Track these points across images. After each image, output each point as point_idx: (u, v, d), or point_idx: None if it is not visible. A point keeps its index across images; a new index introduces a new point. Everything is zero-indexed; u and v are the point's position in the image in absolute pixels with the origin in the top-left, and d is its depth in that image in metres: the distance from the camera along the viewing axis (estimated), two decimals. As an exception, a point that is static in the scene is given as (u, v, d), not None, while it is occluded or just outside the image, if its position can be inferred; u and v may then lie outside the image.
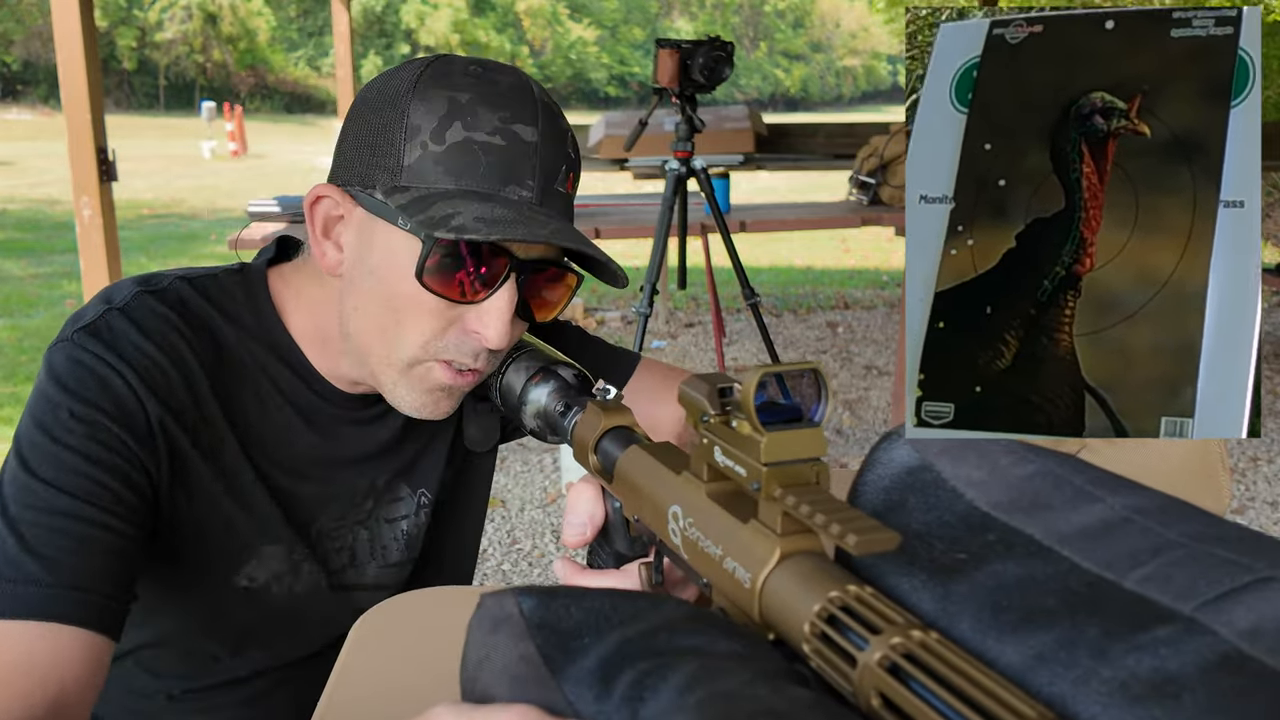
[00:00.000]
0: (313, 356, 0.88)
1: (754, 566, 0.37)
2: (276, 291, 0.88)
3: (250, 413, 0.86)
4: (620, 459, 0.56)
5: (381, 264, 0.79)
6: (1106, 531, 0.32)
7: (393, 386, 0.82)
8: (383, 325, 0.80)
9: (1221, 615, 0.27)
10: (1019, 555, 0.33)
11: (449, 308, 0.78)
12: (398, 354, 0.80)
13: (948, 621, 0.32)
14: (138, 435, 0.77)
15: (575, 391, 0.75)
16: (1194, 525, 0.31)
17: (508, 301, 0.78)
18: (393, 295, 0.79)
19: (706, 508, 0.42)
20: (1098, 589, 0.30)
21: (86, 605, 0.70)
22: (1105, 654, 0.28)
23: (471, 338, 0.79)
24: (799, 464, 0.37)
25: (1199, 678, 0.26)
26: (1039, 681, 0.28)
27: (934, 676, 0.28)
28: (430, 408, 0.83)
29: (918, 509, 0.37)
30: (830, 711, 0.30)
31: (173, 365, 0.80)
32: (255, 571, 0.87)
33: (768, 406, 0.38)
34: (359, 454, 0.92)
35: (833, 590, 0.33)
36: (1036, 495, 0.35)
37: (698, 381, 0.42)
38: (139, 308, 0.81)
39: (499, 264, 0.77)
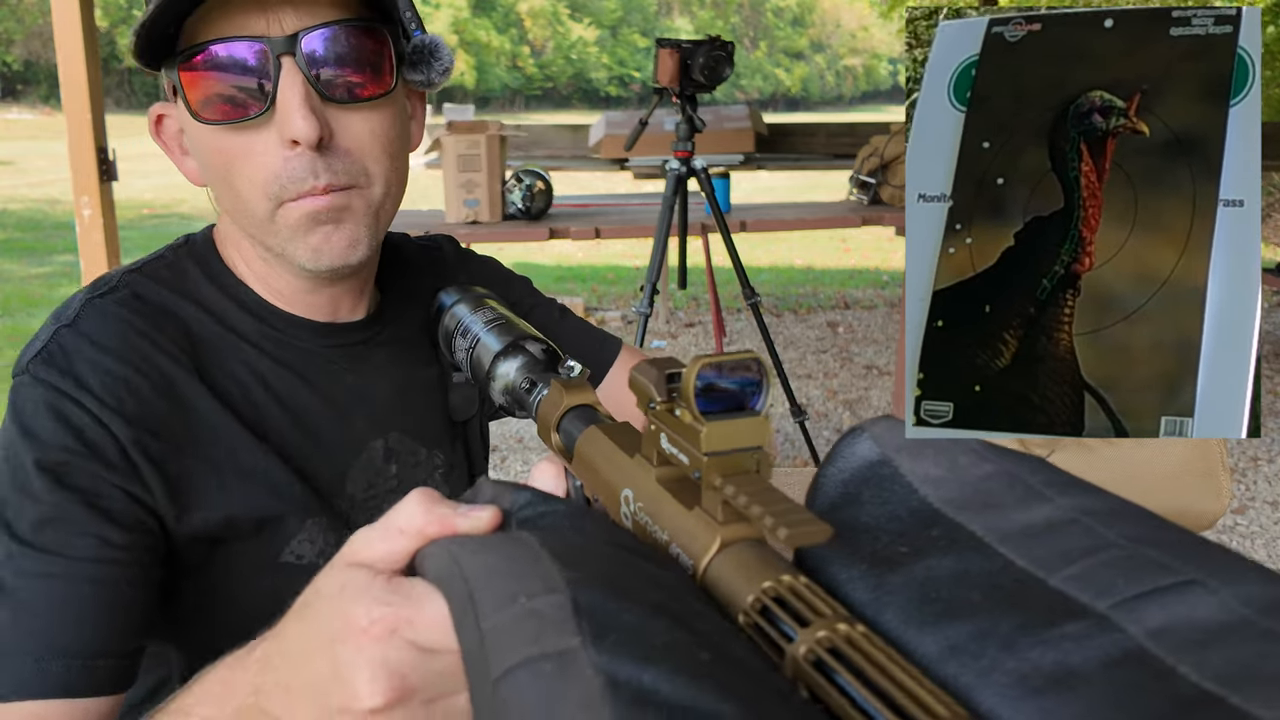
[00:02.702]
0: (268, 294, 0.84)
1: (697, 554, 0.37)
2: (223, 249, 0.85)
3: (242, 385, 0.81)
4: (579, 439, 0.55)
5: (190, 137, 0.76)
6: (1048, 531, 0.33)
7: (282, 249, 0.77)
8: (229, 197, 0.76)
9: (1134, 614, 0.28)
10: (958, 550, 0.33)
11: (253, 136, 0.73)
12: (255, 212, 0.76)
13: (875, 610, 0.33)
14: (110, 464, 0.71)
15: (542, 368, 0.72)
16: (1137, 528, 0.32)
17: (292, 90, 0.71)
18: (209, 159, 0.75)
19: (655, 493, 0.42)
20: (1024, 585, 0.31)
21: (89, 672, 0.66)
22: (1013, 647, 0.28)
23: (296, 156, 0.73)
24: (739, 453, 0.37)
25: (1098, 673, 0.26)
26: (949, 672, 0.29)
27: (855, 672, 0.28)
28: (324, 247, 0.77)
29: (871, 502, 0.38)
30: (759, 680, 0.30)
31: (137, 372, 0.74)
32: (300, 548, 0.82)
33: (711, 394, 0.38)
34: (358, 399, 0.87)
35: (767, 580, 0.33)
36: (989, 494, 0.36)
37: (648, 367, 0.42)
38: (90, 317, 0.76)
39: (255, 56, 0.71)
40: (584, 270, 7.26)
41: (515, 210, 3.63)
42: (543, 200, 3.66)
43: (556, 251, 7.82)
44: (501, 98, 44.61)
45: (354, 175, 0.76)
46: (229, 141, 0.74)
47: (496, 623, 0.30)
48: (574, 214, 3.95)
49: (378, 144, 0.77)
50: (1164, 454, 0.84)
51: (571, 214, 3.94)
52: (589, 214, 3.97)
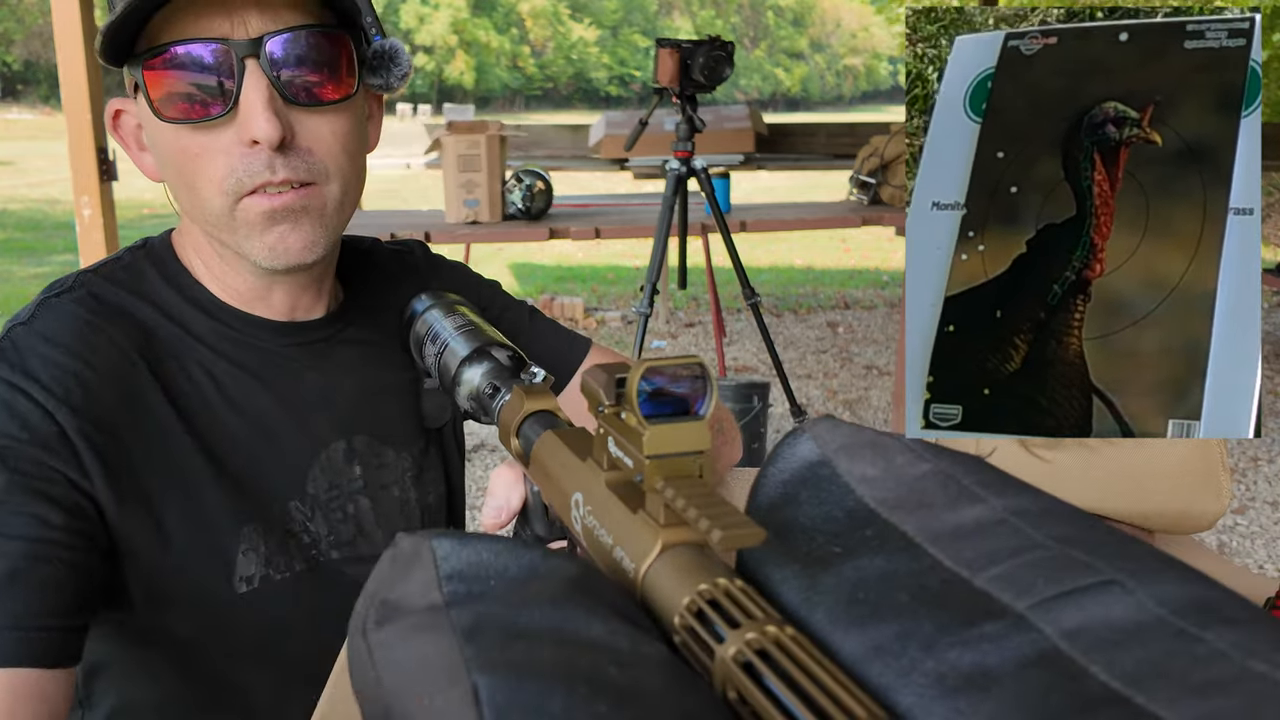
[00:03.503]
0: (226, 295, 0.84)
1: (638, 557, 0.37)
2: (179, 249, 0.86)
3: (197, 386, 0.81)
4: (535, 444, 0.56)
5: (149, 135, 0.77)
6: (978, 531, 0.33)
7: (238, 246, 0.78)
8: (186, 195, 0.77)
9: (1051, 614, 0.28)
10: (888, 551, 0.33)
11: (213, 136, 0.74)
12: (212, 210, 0.76)
13: (807, 611, 0.33)
14: (51, 448, 0.71)
15: (507, 374, 0.73)
16: (1065, 528, 0.32)
17: (256, 92, 0.72)
18: (168, 157, 0.76)
19: (604, 496, 0.42)
20: (949, 586, 0.31)
21: (26, 642, 0.66)
22: (933, 647, 0.28)
23: (255, 153, 0.74)
24: (681, 457, 0.38)
25: (1013, 673, 0.26)
26: (870, 672, 0.29)
27: (780, 674, 0.28)
28: (279, 246, 0.77)
29: (808, 503, 0.38)
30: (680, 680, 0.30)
31: (88, 367, 0.75)
32: (247, 568, 0.82)
33: (658, 398, 0.38)
34: (319, 398, 0.88)
35: (703, 583, 0.33)
36: (923, 494, 0.36)
37: (598, 371, 0.42)
38: (44, 316, 0.77)
39: (220, 58, 0.72)
40: (584, 270, 7.26)
41: (515, 210, 3.64)
42: (543, 200, 3.66)
43: (556, 251, 7.82)
44: (502, 98, 44.62)
45: (314, 173, 0.77)
46: (189, 139, 0.75)
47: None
48: (574, 214, 3.95)
49: (337, 143, 0.78)
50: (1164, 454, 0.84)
51: (571, 214, 3.94)
52: (589, 214, 3.97)
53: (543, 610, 0.32)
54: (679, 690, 0.30)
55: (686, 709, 0.29)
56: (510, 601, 0.33)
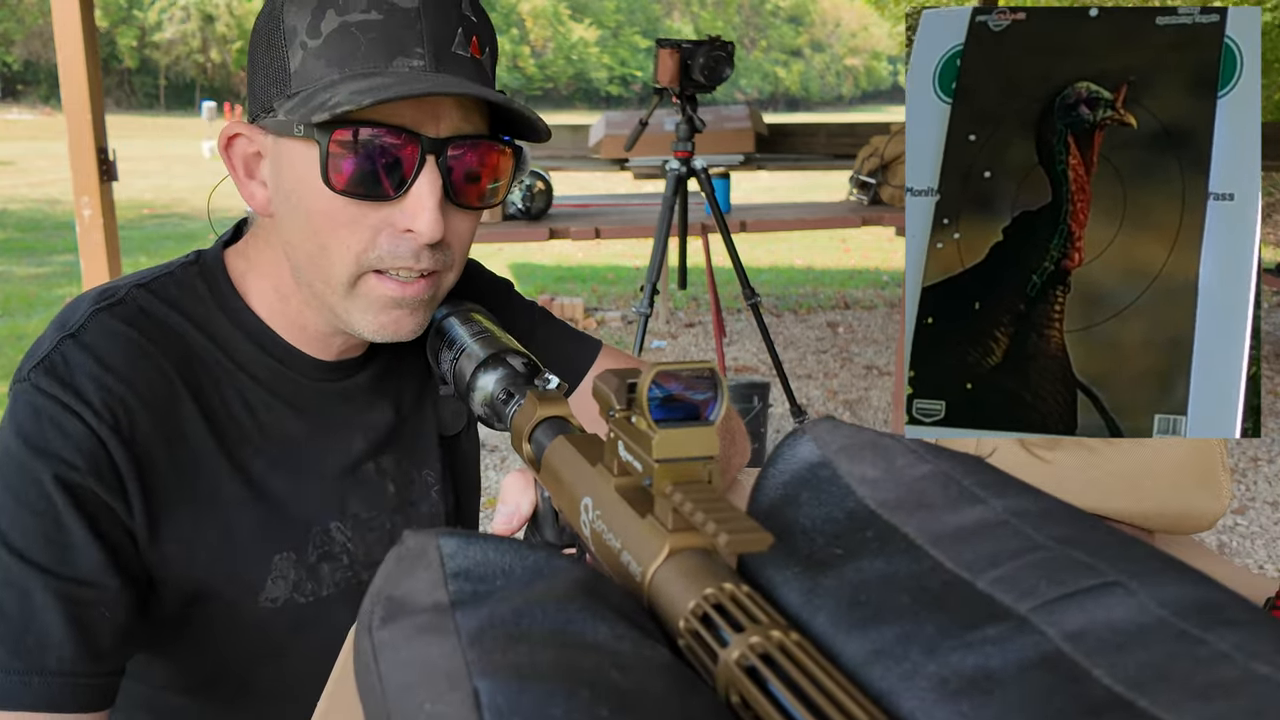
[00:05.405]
0: (280, 326, 0.85)
1: (645, 561, 0.38)
2: (235, 270, 0.85)
3: (231, 412, 0.82)
4: (547, 449, 0.56)
5: (293, 183, 0.76)
6: (979, 533, 0.33)
7: (346, 314, 0.79)
8: (312, 250, 0.77)
9: (1054, 616, 0.28)
10: (890, 553, 0.33)
11: (369, 211, 0.74)
12: (335, 275, 0.77)
13: (809, 614, 0.33)
14: (104, 480, 0.73)
15: (522, 380, 0.73)
16: (1066, 529, 0.32)
17: (430, 187, 0.73)
18: (311, 214, 0.75)
19: (613, 501, 0.43)
20: (951, 588, 0.30)
21: (72, 688, 0.69)
22: (935, 651, 0.28)
23: (405, 239, 0.75)
24: (690, 461, 0.38)
25: (1016, 676, 0.26)
26: (872, 676, 0.29)
27: (783, 678, 0.28)
28: (391, 327, 0.79)
29: (809, 504, 0.38)
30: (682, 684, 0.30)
31: (135, 394, 0.75)
32: (274, 591, 0.84)
33: (668, 403, 0.38)
34: (353, 426, 0.89)
35: (709, 587, 0.33)
36: (923, 495, 0.35)
37: (610, 376, 0.42)
38: (95, 331, 0.76)
39: (408, 149, 0.73)
40: (584, 270, 7.25)
41: (515, 210, 3.63)
42: (543, 200, 3.66)
43: (556, 251, 7.82)
44: (501, 98, 44.46)
45: (446, 263, 0.79)
46: (342, 207, 0.75)
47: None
48: (574, 214, 3.95)
49: (469, 238, 0.82)
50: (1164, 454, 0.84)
51: (571, 214, 3.94)
52: (589, 214, 3.97)
53: (547, 611, 0.32)
54: (681, 694, 0.30)
55: (689, 713, 0.29)
56: (515, 601, 0.33)
